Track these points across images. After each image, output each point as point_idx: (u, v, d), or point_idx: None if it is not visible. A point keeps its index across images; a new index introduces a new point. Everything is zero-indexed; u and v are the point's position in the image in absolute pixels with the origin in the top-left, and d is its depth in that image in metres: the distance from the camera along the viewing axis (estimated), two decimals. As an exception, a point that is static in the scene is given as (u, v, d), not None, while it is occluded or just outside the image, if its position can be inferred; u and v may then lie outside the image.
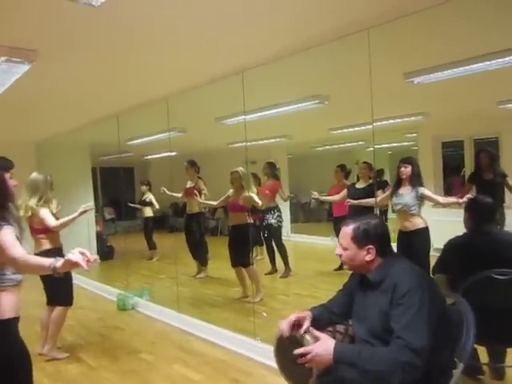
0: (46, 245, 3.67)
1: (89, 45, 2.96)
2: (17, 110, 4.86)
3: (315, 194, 5.52)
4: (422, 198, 3.92)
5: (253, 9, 2.51)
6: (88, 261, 1.70)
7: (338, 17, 2.68)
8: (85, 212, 3.76)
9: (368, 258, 1.88)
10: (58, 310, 3.73)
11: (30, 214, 3.57)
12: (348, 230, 1.92)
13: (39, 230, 3.65)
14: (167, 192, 6.82)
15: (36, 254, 3.60)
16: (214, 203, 5.51)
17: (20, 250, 1.82)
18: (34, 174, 3.68)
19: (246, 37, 2.98)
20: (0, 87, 3.51)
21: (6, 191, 1.92)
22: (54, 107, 4.91)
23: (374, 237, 1.89)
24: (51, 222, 3.59)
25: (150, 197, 7.95)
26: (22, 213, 3.56)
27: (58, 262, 1.76)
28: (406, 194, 3.93)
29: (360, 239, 1.89)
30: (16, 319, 1.94)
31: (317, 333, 1.83)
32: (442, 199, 4.12)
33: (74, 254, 1.70)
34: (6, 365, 1.88)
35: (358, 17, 2.66)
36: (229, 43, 3.08)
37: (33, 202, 3.57)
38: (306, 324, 1.92)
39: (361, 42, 2.83)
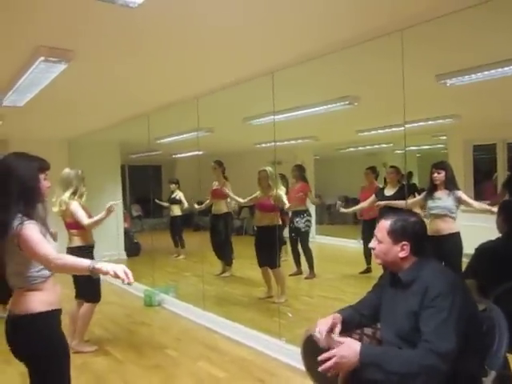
0: (79, 241, 3.76)
1: (123, 45, 3.02)
2: (52, 108, 5.00)
3: (339, 204, 5.47)
4: (459, 202, 3.85)
5: (285, 10, 2.52)
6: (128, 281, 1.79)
7: (370, 19, 2.66)
8: (112, 210, 3.78)
9: (402, 254, 1.86)
10: (86, 306, 3.82)
11: (64, 208, 3.67)
12: (386, 223, 1.91)
13: (72, 224, 3.74)
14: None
15: (68, 249, 3.72)
16: (242, 200, 5.51)
17: (51, 249, 1.84)
18: (66, 170, 3.80)
19: (277, 38, 2.99)
20: (38, 86, 3.62)
21: (36, 191, 1.95)
22: (88, 105, 5.03)
23: (410, 234, 1.87)
24: (83, 219, 3.67)
25: (179, 195, 8.03)
26: (56, 208, 3.67)
27: (98, 264, 1.80)
28: (445, 198, 3.86)
29: (396, 234, 1.87)
30: (51, 312, 1.95)
31: (340, 339, 1.82)
32: (477, 204, 3.99)
33: (119, 270, 1.77)
34: (44, 356, 1.93)
35: (391, 19, 2.63)
36: (260, 44, 3.10)
37: (66, 196, 3.67)
38: (338, 328, 1.93)
39: (393, 43, 2.80)
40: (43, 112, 5.11)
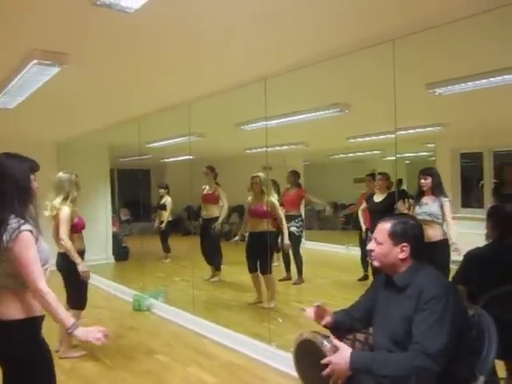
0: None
1: (117, 50, 3.03)
2: (43, 111, 4.97)
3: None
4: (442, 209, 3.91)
5: (278, 18, 2.55)
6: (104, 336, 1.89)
7: (363, 28, 2.71)
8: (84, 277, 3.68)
9: (402, 255, 1.89)
10: (72, 313, 3.78)
11: (54, 213, 3.64)
12: (386, 225, 1.94)
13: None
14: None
15: (59, 254, 3.68)
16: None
17: (42, 274, 1.83)
18: (60, 174, 3.74)
19: (270, 46, 3.03)
20: (29, 89, 3.61)
21: (29, 191, 1.95)
22: (79, 109, 5.01)
23: (410, 236, 1.91)
24: (63, 233, 3.56)
25: (168, 200, 8.01)
26: (47, 213, 3.63)
27: (78, 331, 1.87)
28: (431, 203, 3.92)
29: (397, 236, 1.90)
30: (35, 319, 1.94)
31: (337, 342, 1.85)
32: (450, 220, 3.98)
33: (95, 336, 1.87)
34: (27, 363, 1.90)
35: (384, 28, 2.68)
36: (254, 51, 3.13)
37: (57, 201, 3.64)
38: (327, 319, 1.95)
39: (385, 52, 2.85)
40: (33, 114, 5.08)
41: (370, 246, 1.99)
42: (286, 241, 5.23)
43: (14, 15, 2.40)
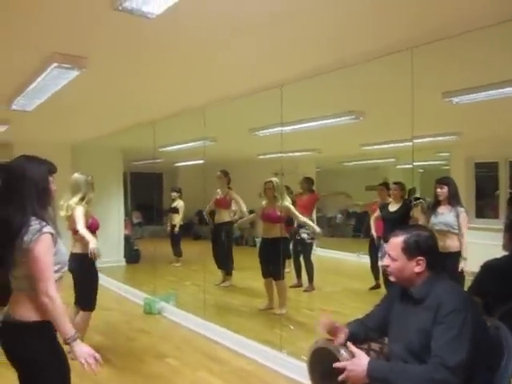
0: (82, 248, 3.71)
1: (135, 54, 3.06)
2: (59, 113, 5.03)
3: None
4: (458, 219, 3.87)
5: (296, 27, 2.57)
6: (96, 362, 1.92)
7: (381, 36, 2.71)
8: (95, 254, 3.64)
9: (418, 269, 1.86)
10: (81, 314, 3.80)
11: (69, 213, 3.67)
12: (398, 240, 1.90)
13: (76, 230, 3.73)
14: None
15: (72, 254, 3.71)
16: (250, 217, 5.58)
17: (53, 280, 1.86)
18: (76, 175, 3.79)
19: (287, 53, 3.04)
20: (48, 92, 3.65)
21: (48, 193, 1.98)
22: (95, 112, 5.06)
23: (424, 248, 1.87)
24: (80, 224, 3.60)
25: (180, 203, 8.03)
26: (63, 213, 3.67)
27: (76, 344, 1.88)
28: (447, 213, 3.89)
29: (410, 250, 1.87)
30: (49, 322, 1.90)
31: (354, 349, 1.83)
32: (465, 232, 3.95)
33: (89, 359, 1.90)
34: (42, 366, 1.91)
35: (402, 37, 2.68)
36: (270, 58, 3.15)
37: (73, 201, 3.67)
38: (342, 337, 1.93)
39: (402, 60, 2.85)
40: (50, 117, 5.14)
41: (385, 261, 1.96)
42: (317, 228, 5.29)
43: (34, 18, 2.43)
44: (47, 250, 1.85)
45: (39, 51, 2.92)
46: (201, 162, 6.33)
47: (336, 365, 1.78)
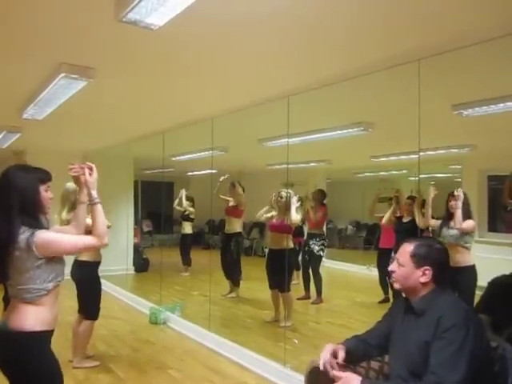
0: (86, 256, 3.70)
1: (143, 65, 3.08)
2: (70, 122, 5.09)
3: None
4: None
5: (303, 38, 2.56)
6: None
7: (389, 47, 2.68)
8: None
9: (423, 279, 1.81)
10: (84, 323, 3.79)
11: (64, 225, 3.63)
12: (409, 246, 1.87)
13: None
14: None
15: (75, 261, 3.72)
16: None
17: (74, 235, 2.06)
18: (67, 185, 3.56)
19: (294, 64, 3.03)
20: (57, 101, 3.69)
21: (37, 203, 1.93)
22: (105, 121, 5.11)
23: (434, 260, 1.83)
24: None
25: (192, 212, 8.05)
26: (57, 226, 3.61)
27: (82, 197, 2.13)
28: None
29: (419, 258, 1.83)
30: (44, 333, 1.90)
31: (340, 373, 1.78)
32: (464, 225, 3.86)
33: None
34: (34, 375, 1.89)
35: (410, 48, 2.65)
36: (278, 70, 3.14)
37: (64, 214, 3.52)
38: (342, 356, 1.88)
39: (410, 72, 2.81)
40: (61, 125, 5.20)
41: (392, 267, 1.91)
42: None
43: (42, 30, 2.47)
44: (49, 233, 1.88)
45: (47, 62, 2.97)
46: (211, 171, 6.32)
47: None
